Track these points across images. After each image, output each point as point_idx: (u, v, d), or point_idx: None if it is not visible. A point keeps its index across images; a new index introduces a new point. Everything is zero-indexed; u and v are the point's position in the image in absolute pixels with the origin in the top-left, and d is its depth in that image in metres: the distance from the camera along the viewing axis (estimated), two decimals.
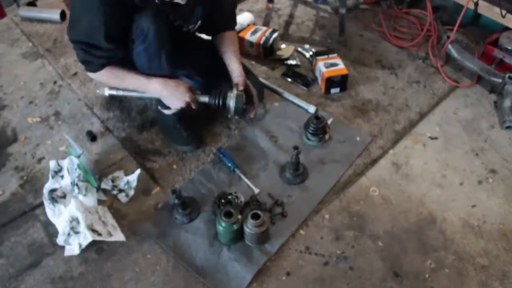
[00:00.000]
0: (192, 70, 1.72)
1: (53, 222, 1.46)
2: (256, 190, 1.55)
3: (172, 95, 1.49)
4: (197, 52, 1.69)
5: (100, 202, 1.53)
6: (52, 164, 1.58)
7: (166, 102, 1.53)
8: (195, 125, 1.75)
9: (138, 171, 1.58)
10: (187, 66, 1.69)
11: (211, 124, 1.80)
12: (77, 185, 1.49)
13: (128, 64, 1.49)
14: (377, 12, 2.42)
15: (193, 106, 1.51)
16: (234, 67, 1.60)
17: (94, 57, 1.42)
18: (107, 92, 1.67)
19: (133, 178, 1.57)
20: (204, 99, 1.54)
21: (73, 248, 1.39)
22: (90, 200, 1.50)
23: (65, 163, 1.56)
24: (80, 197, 1.48)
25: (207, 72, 1.71)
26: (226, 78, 1.62)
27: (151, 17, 1.36)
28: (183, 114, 1.62)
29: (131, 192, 1.55)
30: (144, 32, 1.38)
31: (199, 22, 1.58)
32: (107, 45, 1.37)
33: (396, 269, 1.37)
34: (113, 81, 1.52)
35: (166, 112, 1.66)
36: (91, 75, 1.50)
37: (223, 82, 1.62)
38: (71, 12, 1.40)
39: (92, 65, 1.45)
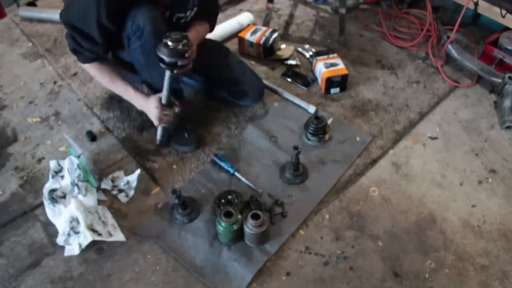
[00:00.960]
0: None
1: (53, 222, 1.46)
2: (260, 191, 1.55)
3: (148, 112, 1.56)
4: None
5: (100, 202, 1.53)
6: (53, 164, 1.58)
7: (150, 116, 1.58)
8: (195, 125, 1.75)
9: (138, 171, 1.58)
10: None
11: (211, 124, 1.79)
12: (77, 185, 1.49)
13: (119, 65, 1.53)
14: (377, 12, 2.42)
15: (164, 119, 1.54)
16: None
17: (83, 48, 1.44)
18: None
19: (133, 178, 1.57)
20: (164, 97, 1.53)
21: (73, 248, 1.39)
22: (90, 200, 1.50)
23: (65, 163, 1.56)
24: (80, 197, 1.48)
25: (205, 69, 1.70)
26: (226, 75, 1.62)
27: (147, 12, 1.35)
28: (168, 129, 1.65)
29: (131, 192, 1.55)
30: (140, 28, 1.37)
31: (195, 9, 1.56)
32: (98, 34, 1.38)
33: (396, 269, 1.37)
34: (102, 78, 1.57)
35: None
36: (83, 65, 1.56)
37: (223, 78, 1.62)
38: None
39: (82, 57, 1.50)
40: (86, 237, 1.37)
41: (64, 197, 1.50)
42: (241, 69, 1.78)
